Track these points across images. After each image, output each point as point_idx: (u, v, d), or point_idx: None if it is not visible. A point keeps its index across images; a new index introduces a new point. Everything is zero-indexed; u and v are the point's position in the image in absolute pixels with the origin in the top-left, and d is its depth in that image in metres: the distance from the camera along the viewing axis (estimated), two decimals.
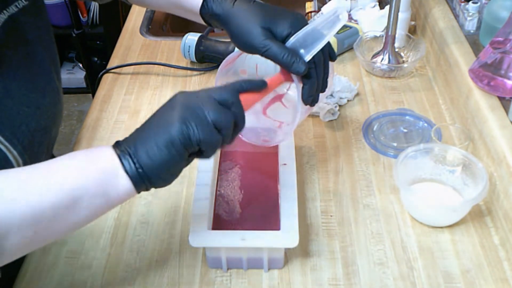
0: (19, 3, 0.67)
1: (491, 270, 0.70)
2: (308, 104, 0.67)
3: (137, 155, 0.54)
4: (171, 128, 0.54)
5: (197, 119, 0.54)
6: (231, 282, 0.69)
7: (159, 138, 0.54)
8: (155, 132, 0.55)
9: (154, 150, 0.54)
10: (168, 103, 0.58)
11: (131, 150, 0.54)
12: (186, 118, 0.54)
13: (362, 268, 0.70)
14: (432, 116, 0.94)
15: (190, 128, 0.54)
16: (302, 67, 0.63)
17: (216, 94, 0.56)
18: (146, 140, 0.54)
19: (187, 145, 0.54)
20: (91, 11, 2.30)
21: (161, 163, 0.54)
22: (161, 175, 0.55)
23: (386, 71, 1.04)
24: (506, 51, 0.82)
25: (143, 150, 0.54)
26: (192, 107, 0.55)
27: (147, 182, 0.55)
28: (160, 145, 0.53)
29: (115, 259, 0.72)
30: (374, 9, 1.16)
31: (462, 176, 0.77)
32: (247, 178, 0.79)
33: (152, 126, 0.56)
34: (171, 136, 0.53)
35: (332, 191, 0.81)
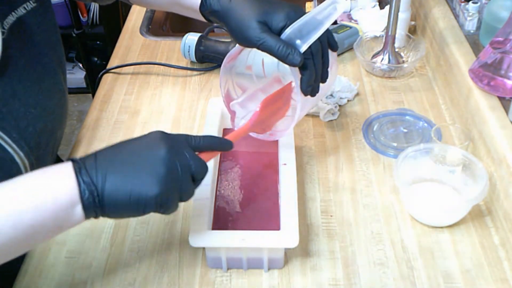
0: (28, 5, 0.67)
1: (491, 270, 0.70)
2: (307, 94, 0.67)
3: (103, 193, 0.52)
4: (151, 189, 0.53)
5: (173, 191, 0.55)
6: (231, 282, 0.69)
7: (134, 191, 0.53)
8: (132, 181, 0.53)
9: (124, 199, 0.53)
10: (150, 145, 0.56)
11: (97, 185, 0.52)
12: (167, 187, 0.54)
13: (362, 268, 0.70)
14: (432, 116, 0.94)
15: (168, 199, 0.55)
16: (298, 58, 0.63)
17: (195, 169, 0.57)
18: (120, 183, 0.53)
19: (156, 209, 0.55)
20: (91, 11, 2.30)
21: (123, 210, 0.54)
22: (117, 216, 0.55)
23: (386, 71, 1.04)
24: (506, 51, 0.82)
25: (112, 192, 0.52)
26: (174, 174, 0.55)
27: (100, 215, 0.54)
28: (132, 198, 0.53)
29: (115, 259, 0.72)
30: (374, 9, 1.16)
31: (462, 176, 0.77)
32: (247, 178, 0.79)
33: (129, 168, 0.54)
34: (148, 198, 0.53)
35: (332, 191, 0.81)
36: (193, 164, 0.57)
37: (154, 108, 0.99)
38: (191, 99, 1.01)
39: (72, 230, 0.76)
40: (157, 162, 0.54)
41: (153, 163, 0.54)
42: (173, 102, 1.00)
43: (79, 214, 0.53)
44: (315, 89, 0.68)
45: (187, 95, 1.02)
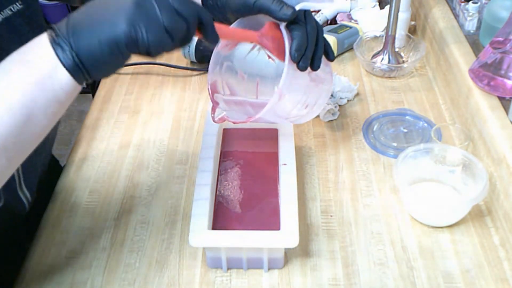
0: (14, 7, 0.67)
1: (491, 270, 0.70)
2: (296, 59, 0.65)
3: (77, 47, 0.50)
4: (116, 26, 0.49)
5: (148, 22, 0.50)
6: (231, 282, 0.69)
7: (103, 35, 0.50)
8: (99, 26, 0.50)
9: (96, 46, 0.50)
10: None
11: (71, 41, 0.50)
12: (135, 19, 0.49)
13: (362, 268, 0.70)
14: (432, 116, 0.94)
15: (139, 31, 0.50)
16: (289, 10, 0.63)
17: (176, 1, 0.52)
18: (89, 32, 0.50)
19: (132, 48, 0.51)
20: None
21: (101, 60, 0.51)
22: (101, 69, 0.53)
23: (386, 71, 1.04)
24: (506, 51, 0.82)
25: (84, 43, 0.50)
26: (145, 6, 0.50)
27: (86, 74, 0.52)
28: (102, 42, 0.50)
29: (115, 259, 0.72)
30: (374, 9, 1.16)
31: (462, 176, 0.77)
32: (247, 178, 0.79)
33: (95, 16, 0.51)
34: (117, 37, 0.50)
35: (332, 191, 0.81)
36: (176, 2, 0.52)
37: (154, 108, 0.99)
38: (191, 99, 1.01)
39: (72, 230, 0.76)
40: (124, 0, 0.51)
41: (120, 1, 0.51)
42: (173, 102, 1.00)
43: (65, 76, 0.51)
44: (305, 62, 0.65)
45: (187, 95, 1.02)
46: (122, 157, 0.88)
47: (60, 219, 0.78)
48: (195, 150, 0.89)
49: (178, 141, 0.91)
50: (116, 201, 0.81)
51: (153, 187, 0.83)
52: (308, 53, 0.66)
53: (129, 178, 0.84)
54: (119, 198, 0.81)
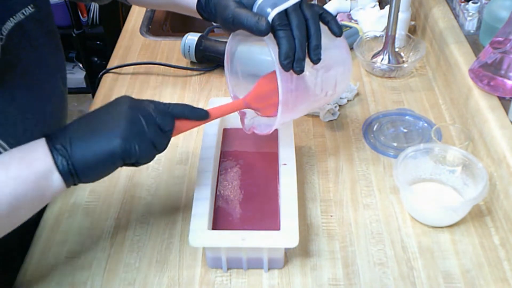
0: (26, 11, 0.67)
1: (491, 270, 0.70)
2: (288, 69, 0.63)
3: (73, 156, 0.56)
4: (113, 142, 0.56)
5: (139, 139, 0.57)
6: (231, 282, 0.69)
7: (99, 147, 0.56)
8: (96, 138, 0.56)
9: (91, 157, 0.56)
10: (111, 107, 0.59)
11: (67, 150, 0.56)
12: (129, 135, 0.56)
13: (362, 268, 0.70)
14: (432, 116, 0.95)
15: (132, 146, 0.57)
16: (263, 24, 0.61)
17: (159, 119, 0.60)
18: (85, 143, 0.56)
19: (126, 160, 0.57)
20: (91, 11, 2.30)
21: (94, 169, 0.57)
22: (92, 177, 0.58)
23: (386, 71, 1.04)
24: (506, 51, 0.82)
25: (80, 153, 0.56)
26: (135, 123, 0.57)
27: (77, 180, 0.57)
28: (98, 154, 0.56)
29: (115, 259, 0.72)
30: (374, 9, 1.16)
31: (462, 176, 0.77)
32: (247, 178, 0.79)
33: (93, 129, 0.57)
34: (112, 150, 0.56)
35: (332, 191, 0.81)
36: (158, 116, 0.60)
37: None
38: (191, 99, 1.01)
39: (72, 230, 0.76)
40: (118, 117, 0.57)
41: (114, 119, 0.57)
42: (173, 102, 1.00)
43: (58, 180, 0.56)
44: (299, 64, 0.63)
45: (187, 95, 1.02)
46: None
47: (60, 219, 0.78)
48: (195, 150, 0.89)
49: (178, 141, 0.91)
50: (116, 201, 0.81)
51: (153, 187, 0.83)
52: (299, 55, 0.62)
53: (129, 178, 0.84)
54: (119, 198, 0.81)
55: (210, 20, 0.74)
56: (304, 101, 0.70)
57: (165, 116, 0.61)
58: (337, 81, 0.72)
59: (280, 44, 0.62)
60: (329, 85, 0.71)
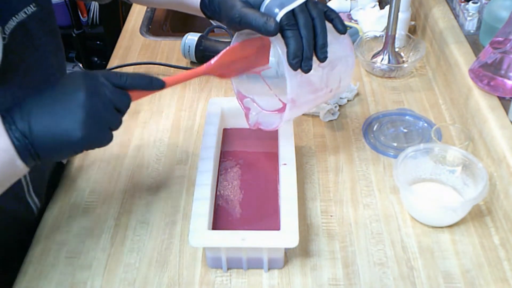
0: (28, 9, 0.67)
1: (491, 270, 0.70)
2: (295, 68, 0.63)
3: (34, 146, 0.56)
4: (72, 134, 0.56)
5: (98, 130, 0.58)
6: (231, 282, 0.69)
7: (58, 139, 0.56)
8: (55, 128, 0.56)
9: (52, 147, 0.56)
10: (69, 88, 0.58)
11: (28, 138, 0.55)
12: (89, 127, 0.56)
13: (362, 268, 0.70)
14: (432, 116, 0.94)
15: (91, 138, 0.57)
16: (272, 25, 0.61)
17: (116, 100, 0.59)
18: (43, 132, 0.56)
19: (84, 149, 0.58)
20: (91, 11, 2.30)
21: (58, 155, 0.59)
22: (54, 159, 0.61)
23: (386, 71, 1.04)
24: (506, 51, 0.82)
25: (41, 143, 0.56)
26: (94, 112, 0.57)
27: (39, 160, 0.58)
28: (59, 145, 0.56)
29: (115, 259, 0.72)
30: (374, 9, 1.16)
31: (462, 176, 0.77)
32: (247, 178, 0.79)
33: (50, 115, 0.56)
34: (72, 142, 0.56)
35: (332, 191, 0.81)
36: (116, 98, 0.59)
37: (154, 108, 0.99)
38: (191, 99, 1.01)
39: (72, 230, 0.76)
40: (77, 107, 0.56)
41: (73, 108, 0.56)
42: (173, 102, 1.00)
43: (21, 165, 0.56)
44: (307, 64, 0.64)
45: (187, 95, 1.02)
46: (122, 157, 0.88)
47: (60, 219, 0.78)
48: (195, 150, 0.89)
49: (178, 141, 0.91)
50: (116, 201, 0.81)
51: (153, 187, 0.83)
52: (306, 54, 0.63)
53: (129, 178, 0.84)
54: (119, 198, 0.81)
55: (214, 19, 0.74)
56: (310, 98, 0.71)
57: (122, 96, 0.60)
58: (341, 77, 0.72)
59: (288, 44, 0.63)
60: (333, 82, 0.72)
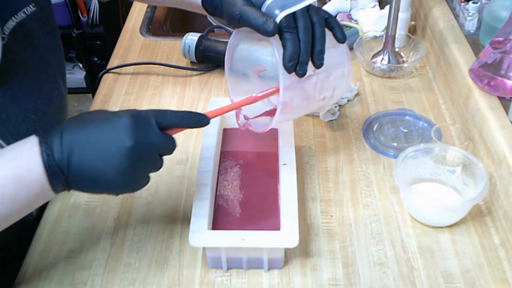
0: (28, 9, 0.67)
1: (491, 270, 0.70)
2: (291, 71, 0.63)
3: (69, 180, 0.55)
4: (114, 184, 0.56)
5: (139, 180, 0.58)
6: (231, 282, 0.69)
7: (98, 185, 0.56)
8: (97, 176, 0.55)
9: (87, 185, 0.56)
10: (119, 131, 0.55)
11: (64, 175, 0.54)
12: (131, 180, 0.56)
13: (362, 268, 0.70)
14: (432, 116, 0.95)
15: (131, 188, 0.58)
16: (270, 25, 0.61)
17: (163, 149, 0.59)
18: (85, 171, 0.55)
19: (121, 194, 0.59)
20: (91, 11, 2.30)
21: (89, 192, 0.58)
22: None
23: (386, 71, 1.04)
24: (506, 51, 0.82)
25: (77, 179, 0.55)
26: (141, 163, 0.57)
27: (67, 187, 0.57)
28: (97, 190, 0.57)
29: (115, 259, 0.72)
30: (374, 9, 1.16)
31: (462, 176, 0.77)
32: (247, 178, 0.79)
33: (96, 156, 0.55)
34: (112, 191, 0.57)
35: (332, 191, 0.81)
36: (161, 145, 0.58)
37: (154, 108, 0.99)
38: (191, 99, 1.01)
39: (72, 230, 0.76)
40: (123, 155, 0.55)
41: (119, 155, 0.55)
42: (173, 102, 1.00)
43: (51, 195, 0.56)
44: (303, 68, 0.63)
45: (187, 95, 1.02)
46: None
47: (60, 219, 0.78)
48: (195, 150, 0.89)
49: (178, 141, 0.91)
50: (116, 201, 0.81)
51: (153, 187, 0.83)
52: (303, 58, 0.63)
53: None
54: (119, 198, 0.81)
55: (215, 15, 0.73)
56: (302, 103, 0.71)
57: (169, 142, 0.60)
58: (336, 86, 0.72)
59: (285, 46, 0.63)
60: (327, 89, 0.71)
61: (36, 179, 0.54)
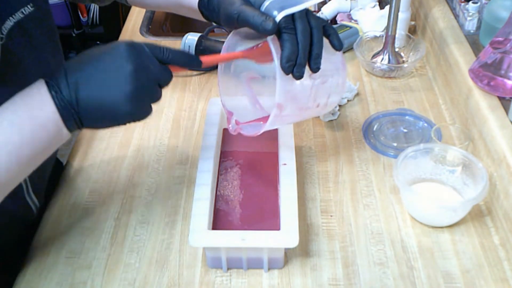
0: (26, 9, 0.67)
1: (491, 270, 0.70)
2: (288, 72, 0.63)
3: (80, 116, 0.57)
4: (121, 109, 0.57)
5: (144, 105, 0.60)
6: (231, 282, 0.69)
7: (106, 111, 0.57)
8: (103, 100, 0.57)
9: (99, 116, 0.58)
10: (114, 58, 0.58)
11: (74, 107, 0.56)
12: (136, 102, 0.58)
13: (362, 268, 0.70)
14: (432, 116, 0.95)
15: (137, 114, 0.59)
16: (270, 24, 0.61)
17: (161, 76, 0.61)
18: (93, 101, 0.57)
19: (129, 121, 0.60)
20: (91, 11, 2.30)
21: (100, 125, 0.60)
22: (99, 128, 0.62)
23: (386, 71, 1.04)
24: (506, 51, 0.82)
25: (87, 111, 0.57)
26: (141, 89, 0.58)
27: (82, 127, 0.59)
28: (106, 116, 0.58)
29: (115, 259, 0.72)
30: (374, 9, 1.16)
31: (462, 176, 0.77)
32: (247, 178, 0.79)
33: (101, 85, 0.57)
34: (121, 116, 0.58)
35: (332, 191, 0.81)
36: (159, 74, 0.60)
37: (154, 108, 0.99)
38: (191, 99, 1.01)
39: (72, 230, 0.76)
40: (125, 80, 0.57)
41: (121, 81, 0.57)
42: (173, 102, 1.00)
43: (66, 133, 0.59)
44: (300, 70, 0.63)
45: (187, 95, 1.02)
46: (122, 157, 0.88)
47: (60, 219, 0.78)
48: (195, 150, 0.89)
49: (178, 141, 0.91)
50: (116, 201, 0.81)
51: (153, 187, 0.83)
52: (300, 60, 0.63)
53: (129, 178, 0.84)
54: (119, 198, 0.81)
55: (210, 19, 0.73)
56: (296, 109, 0.70)
57: (165, 73, 0.62)
58: (331, 93, 0.72)
59: (283, 47, 0.62)
60: (322, 96, 0.71)
61: (49, 117, 0.56)
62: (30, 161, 0.58)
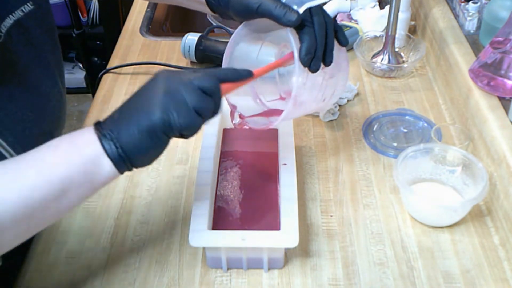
0: (25, 8, 0.67)
1: (491, 270, 0.70)
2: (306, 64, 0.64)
3: (119, 139, 0.54)
4: (152, 115, 0.54)
5: (178, 107, 0.54)
6: (231, 282, 0.69)
7: (140, 124, 0.54)
8: (137, 116, 0.55)
9: (136, 135, 0.54)
10: (150, 84, 0.57)
11: (113, 134, 0.55)
12: (167, 105, 0.54)
13: (362, 268, 0.70)
14: (432, 116, 0.95)
15: (171, 116, 0.54)
16: (294, 15, 0.61)
17: (199, 81, 0.56)
18: (128, 124, 0.55)
19: (168, 131, 0.55)
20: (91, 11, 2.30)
21: (142, 147, 0.55)
22: (143, 158, 0.56)
23: (386, 71, 1.04)
24: (506, 51, 0.82)
25: (125, 134, 0.54)
26: (173, 93, 0.55)
27: (129, 164, 0.56)
28: (141, 130, 0.54)
29: (115, 259, 0.72)
30: (374, 9, 1.16)
31: (462, 176, 0.77)
32: (247, 178, 0.79)
33: (133, 109, 0.56)
34: (152, 124, 0.54)
35: (332, 191, 0.81)
36: (198, 80, 0.56)
37: None
38: None
39: (72, 230, 0.76)
40: (156, 92, 0.55)
41: (153, 94, 0.55)
42: None
43: (108, 165, 0.55)
44: (317, 64, 0.64)
45: None
46: None
47: (60, 219, 0.78)
48: (195, 150, 0.89)
49: (178, 141, 0.91)
50: (116, 201, 0.81)
51: (153, 187, 0.83)
52: (318, 54, 0.64)
53: (129, 178, 0.84)
54: (119, 198, 0.81)
55: (216, 10, 0.72)
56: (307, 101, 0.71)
57: (209, 78, 0.57)
58: (336, 88, 0.73)
59: (303, 40, 0.63)
60: (329, 91, 0.72)
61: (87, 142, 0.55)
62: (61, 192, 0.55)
